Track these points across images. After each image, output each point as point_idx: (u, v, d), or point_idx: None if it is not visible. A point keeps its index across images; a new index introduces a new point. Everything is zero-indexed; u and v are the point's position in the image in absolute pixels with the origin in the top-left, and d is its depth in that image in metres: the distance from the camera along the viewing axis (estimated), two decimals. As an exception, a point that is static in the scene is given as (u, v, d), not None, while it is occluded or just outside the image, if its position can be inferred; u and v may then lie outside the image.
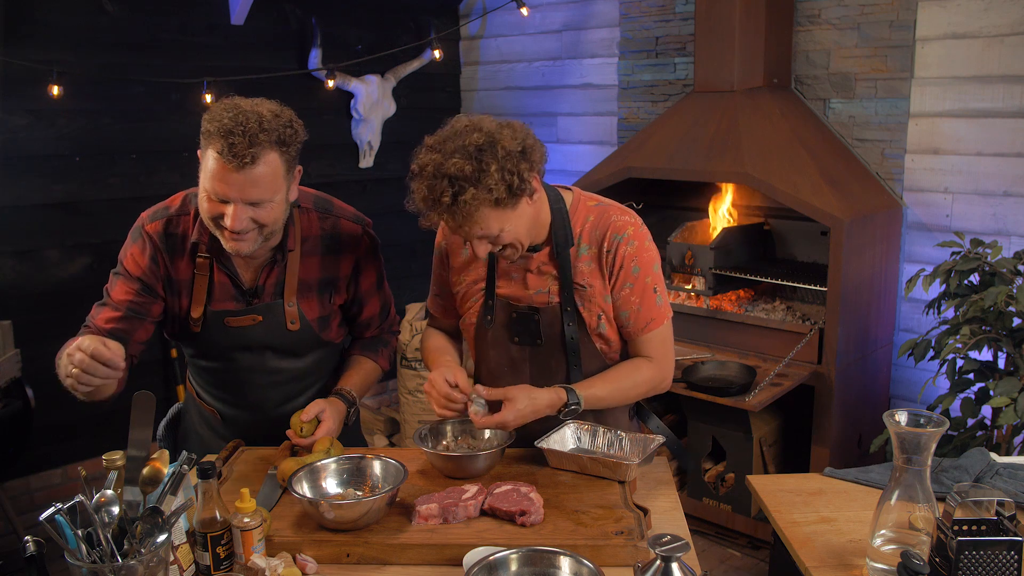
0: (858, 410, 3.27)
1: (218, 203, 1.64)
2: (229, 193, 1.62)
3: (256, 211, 1.65)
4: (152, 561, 1.27)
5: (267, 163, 1.62)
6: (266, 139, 1.60)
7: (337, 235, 1.89)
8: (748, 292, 3.65)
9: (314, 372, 1.99)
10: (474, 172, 1.54)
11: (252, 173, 1.60)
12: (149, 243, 1.81)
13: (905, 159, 3.32)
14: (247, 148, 1.57)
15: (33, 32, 3.28)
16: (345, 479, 1.64)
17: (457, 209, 1.56)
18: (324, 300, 1.90)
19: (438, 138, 1.61)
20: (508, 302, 1.82)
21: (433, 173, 1.56)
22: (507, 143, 1.58)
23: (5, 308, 3.23)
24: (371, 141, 4.34)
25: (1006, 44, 3.01)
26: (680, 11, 3.86)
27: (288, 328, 1.86)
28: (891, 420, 1.36)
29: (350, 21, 4.24)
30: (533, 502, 1.52)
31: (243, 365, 1.90)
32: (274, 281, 1.84)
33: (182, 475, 1.38)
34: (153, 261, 1.81)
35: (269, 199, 1.65)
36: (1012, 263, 2.61)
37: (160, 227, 1.81)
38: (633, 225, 1.79)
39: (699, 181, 3.51)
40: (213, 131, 1.60)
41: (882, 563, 1.36)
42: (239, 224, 1.64)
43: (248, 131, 1.58)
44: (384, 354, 2.06)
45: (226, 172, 1.60)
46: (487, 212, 1.59)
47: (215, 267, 1.81)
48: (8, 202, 3.30)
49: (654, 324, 1.79)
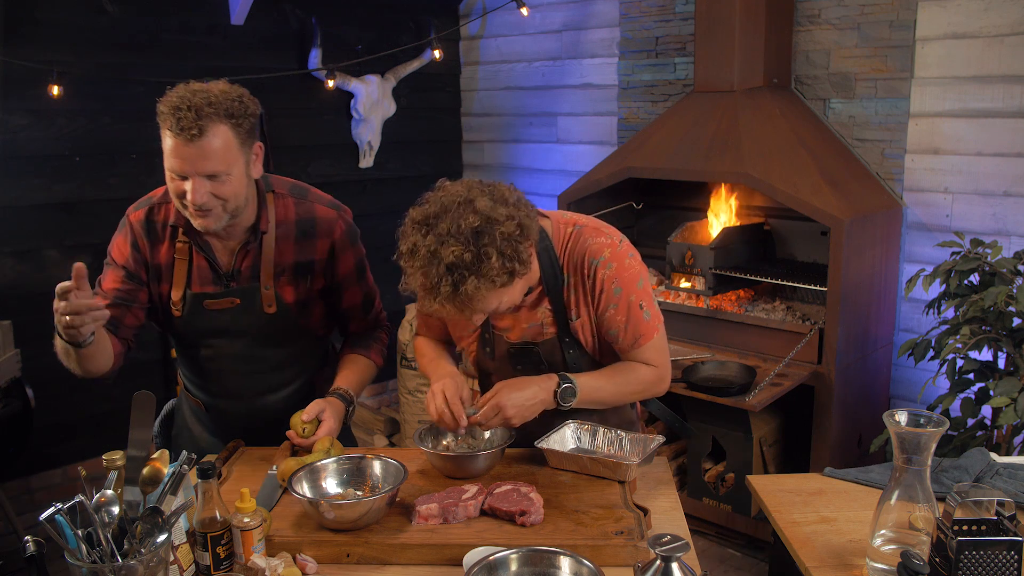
0: (858, 410, 3.27)
1: (179, 181, 1.70)
2: (184, 167, 1.68)
3: (215, 185, 1.70)
4: (152, 561, 1.27)
5: (216, 135, 1.68)
6: (213, 112, 1.66)
7: (312, 219, 1.91)
8: (748, 292, 3.65)
9: (295, 363, 2.00)
10: (474, 260, 1.48)
11: (203, 145, 1.66)
12: (131, 231, 1.88)
13: (905, 159, 3.32)
14: (195, 121, 1.64)
15: (33, 32, 3.28)
16: (345, 479, 1.64)
17: (458, 297, 1.51)
18: (301, 284, 1.91)
19: (426, 212, 1.54)
20: (504, 337, 1.82)
21: (428, 259, 1.49)
22: (504, 226, 1.51)
23: (5, 308, 3.23)
24: (371, 141, 4.34)
25: (1006, 44, 3.01)
26: (680, 11, 3.86)
27: (265, 311, 1.88)
28: (891, 420, 1.36)
29: (350, 21, 4.24)
30: (533, 502, 1.52)
31: (224, 352, 1.92)
32: (250, 264, 1.87)
33: (182, 475, 1.38)
34: (135, 248, 1.87)
35: (225, 171, 1.70)
36: (1012, 263, 2.61)
37: (142, 215, 1.88)
38: (609, 247, 1.73)
39: (699, 181, 3.51)
40: (164, 111, 1.67)
41: (882, 563, 1.36)
42: (199, 198, 1.69)
43: (194, 105, 1.65)
44: (376, 350, 2.06)
45: (179, 147, 1.66)
46: (485, 295, 1.53)
47: (194, 251, 1.86)
48: (8, 202, 3.31)
49: (643, 340, 1.78)
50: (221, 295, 1.87)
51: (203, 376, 1.99)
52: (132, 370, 3.67)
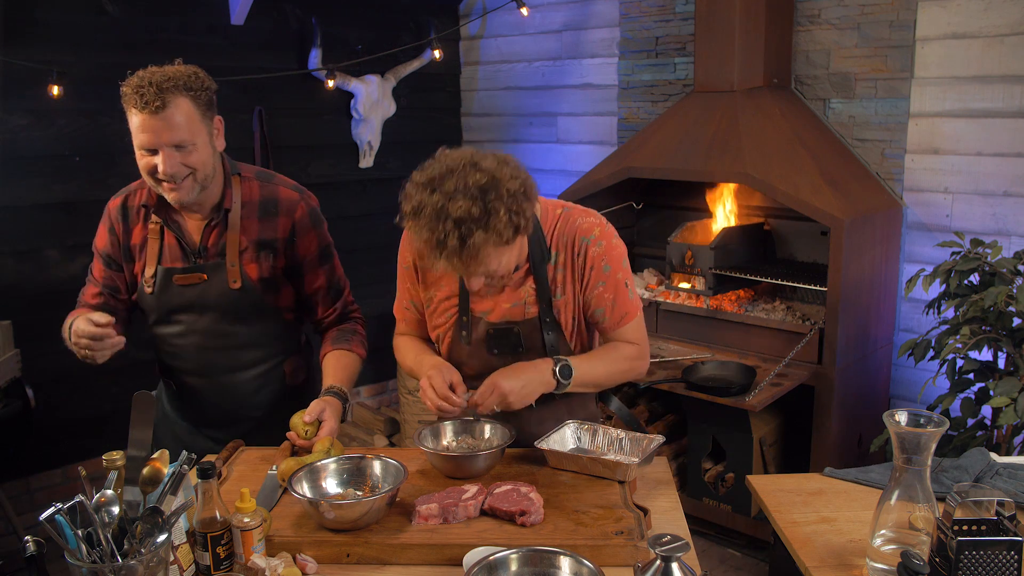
0: (858, 410, 3.27)
1: (149, 156, 1.81)
2: (152, 140, 1.79)
3: (183, 155, 1.81)
4: (152, 561, 1.27)
5: (178, 107, 1.80)
6: (172, 86, 1.79)
7: (274, 199, 2.00)
8: (748, 292, 3.65)
9: (263, 343, 2.05)
10: (482, 215, 1.51)
11: (167, 116, 1.78)
12: (108, 218, 2.02)
13: (905, 159, 3.32)
14: (157, 95, 1.77)
15: (33, 32, 3.28)
16: (345, 479, 1.64)
17: (465, 251, 1.53)
18: (264, 262, 1.98)
19: (430, 175, 1.57)
20: (484, 318, 1.82)
21: (435, 215, 1.52)
22: (509, 183, 1.56)
23: (5, 308, 3.23)
24: (371, 141, 4.34)
25: (1006, 44, 3.01)
26: (680, 11, 3.86)
27: (231, 287, 1.96)
28: (891, 420, 1.36)
29: (350, 21, 4.24)
30: (533, 502, 1.52)
31: (193, 327, 1.99)
32: (215, 241, 1.96)
33: (182, 475, 1.38)
34: (112, 233, 2.00)
35: (191, 141, 1.82)
36: (1012, 263, 2.61)
37: (119, 201, 2.01)
38: (599, 225, 1.81)
39: (699, 181, 3.51)
40: (128, 92, 1.81)
41: (882, 563, 1.36)
42: (170, 167, 1.80)
43: (155, 82, 1.78)
44: (356, 342, 2.09)
45: (145, 120, 1.79)
46: (491, 251, 1.57)
47: (165, 230, 1.96)
48: (8, 202, 3.30)
49: (628, 318, 1.83)
50: (189, 270, 1.96)
51: (174, 354, 2.05)
52: (132, 370, 3.68)
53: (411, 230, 1.58)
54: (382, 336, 5.00)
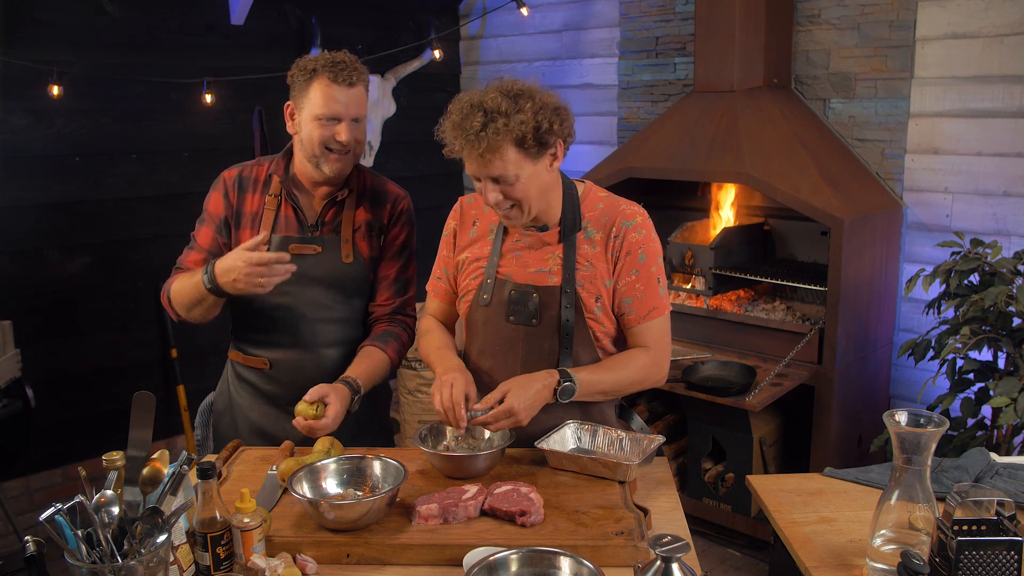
0: (858, 410, 3.27)
1: (330, 125, 1.94)
2: (341, 110, 1.93)
3: (356, 130, 1.97)
4: (152, 561, 1.27)
5: (362, 87, 1.98)
6: (359, 67, 1.97)
7: (384, 190, 2.13)
8: (748, 292, 3.65)
9: (354, 321, 2.11)
10: (508, 109, 1.64)
11: (357, 92, 1.96)
12: (223, 185, 2.08)
13: (905, 159, 3.32)
14: (352, 71, 1.94)
15: (33, 32, 3.28)
16: (345, 479, 1.64)
17: (484, 136, 1.63)
18: (374, 242, 2.09)
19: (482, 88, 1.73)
20: (508, 279, 1.84)
21: (469, 104, 1.67)
22: (546, 97, 1.69)
23: (5, 308, 3.23)
24: (371, 141, 4.33)
25: (1006, 44, 3.01)
26: (680, 11, 3.86)
27: (344, 261, 2.04)
28: (891, 420, 1.36)
29: (350, 21, 4.24)
30: (533, 502, 1.52)
31: (299, 299, 2.04)
32: (332, 218, 2.06)
33: (182, 475, 1.38)
34: (225, 199, 2.07)
35: (364, 116, 1.99)
36: (1012, 263, 2.61)
37: (235, 173, 2.09)
38: (641, 215, 1.84)
39: (699, 181, 3.51)
40: (318, 67, 1.93)
41: (882, 563, 1.36)
42: (351, 136, 1.95)
43: (347, 61, 1.95)
44: (393, 346, 2.08)
45: (338, 91, 1.93)
46: (509, 149, 1.65)
47: (283, 203, 2.05)
48: (8, 202, 3.30)
49: (656, 313, 1.81)
50: (306, 240, 2.04)
51: (271, 329, 2.06)
52: (132, 370, 3.69)
53: (445, 118, 1.71)
54: (382, 336, 4.96)
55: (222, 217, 2.08)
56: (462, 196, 2.01)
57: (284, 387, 2.06)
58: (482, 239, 1.90)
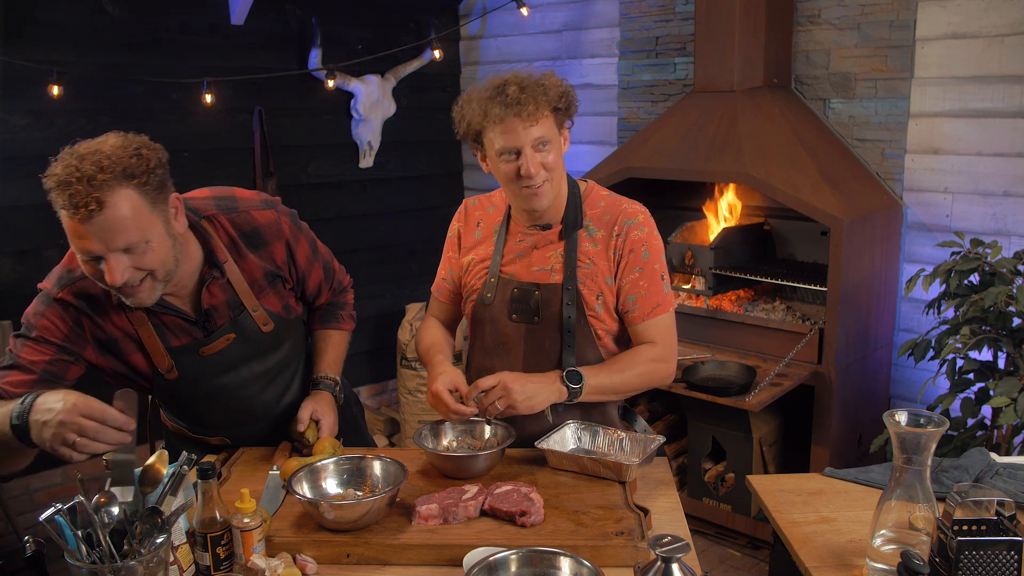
0: (858, 410, 3.27)
1: (94, 263, 1.51)
2: (93, 247, 1.47)
3: (135, 259, 1.51)
4: (152, 561, 1.27)
5: (118, 203, 1.46)
6: (108, 177, 1.44)
7: (254, 228, 1.78)
8: (748, 292, 3.65)
9: (293, 357, 1.96)
10: (537, 83, 1.74)
11: (105, 219, 1.44)
12: (70, 309, 1.66)
13: (905, 159, 3.32)
14: (89, 193, 1.42)
15: (33, 32, 3.28)
16: (345, 479, 1.64)
17: (528, 99, 1.70)
18: (278, 290, 1.85)
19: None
20: (511, 278, 1.85)
21: (494, 83, 1.74)
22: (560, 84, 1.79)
23: (5, 308, 3.23)
24: (371, 141, 4.34)
25: (1006, 44, 3.01)
26: (680, 11, 3.86)
27: (263, 332, 1.82)
28: (891, 420, 1.36)
29: (350, 21, 4.24)
30: (533, 502, 1.52)
31: (234, 385, 1.83)
32: (221, 299, 1.75)
33: (182, 475, 1.38)
34: (77, 325, 1.67)
35: (141, 240, 1.50)
36: (1012, 263, 2.61)
37: (72, 292, 1.66)
38: (643, 213, 1.86)
39: (699, 181, 3.51)
40: (52, 187, 1.45)
41: (882, 563, 1.36)
42: (120, 277, 1.49)
43: (84, 175, 1.42)
44: (344, 317, 2.05)
45: (78, 227, 1.45)
46: (548, 112, 1.73)
47: (153, 312, 1.70)
48: (8, 202, 3.30)
49: (660, 310, 1.82)
50: (214, 338, 1.75)
51: (213, 417, 1.89)
52: (132, 370, 3.67)
53: (466, 101, 1.77)
54: (382, 335, 5.00)
55: (69, 348, 1.66)
56: (466, 199, 2.02)
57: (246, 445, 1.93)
58: (486, 240, 1.91)
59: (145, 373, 1.76)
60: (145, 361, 1.74)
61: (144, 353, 1.72)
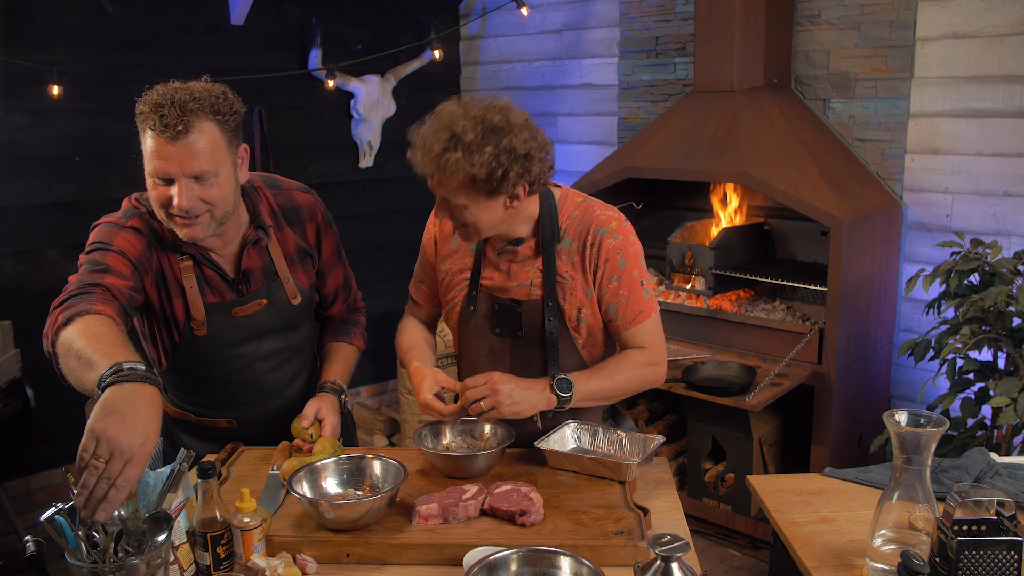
0: (858, 410, 3.27)
1: (164, 186, 1.61)
2: (170, 168, 1.59)
3: (203, 189, 1.62)
4: (152, 561, 1.27)
5: (202, 132, 1.59)
6: (197, 107, 1.58)
7: (294, 206, 1.90)
8: (748, 292, 3.65)
9: (307, 344, 2.01)
10: (472, 144, 1.58)
11: (189, 143, 1.58)
12: (140, 235, 1.71)
13: (905, 159, 3.32)
14: (180, 117, 1.56)
15: (33, 32, 3.28)
16: (345, 479, 1.64)
17: (440, 162, 1.60)
18: (308, 268, 1.93)
19: (472, 98, 1.67)
20: (491, 293, 1.84)
21: (444, 122, 1.61)
22: (518, 143, 1.60)
23: (5, 308, 3.23)
24: (371, 141, 4.34)
25: (1006, 44, 3.01)
26: (680, 11, 3.86)
27: (291, 304, 1.88)
28: (891, 420, 1.36)
29: (350, 21, 4.24)
30: (533, 502, 1.52)
31: (256, 355, 1.87)
32: (259, 264, 1.83)
33: (181, 473, 1.38)
34: (148, 250, 1.72)
35: (212, 172, 1.61)
36: (1012, 263, 2.61)
37: (141, 221, 1.73)
38: (616, 220, 1.81)
39: (699, 181, 3.51)
40: (145, 110, 1.59)
41: (882, 563, 1.36)
42: (187, 202, 1.60)
43: (177, 101, 1.57)
44: (356, 334, 2.07)
45: (163, 146, 1.58)
46: (461, 179, 1.60)
47: (197, 263, 1.78)
48: (8, 202, 3.31)
49: (643, 316, 1.80)
50: (247, 300, 1.81)
51: (228, 389, 1.89)
52: (132, 370, 3.67)
53: (429, 119, 1.66)
54: (382, 336, 5.00)
55: (139, 269, 1.69)
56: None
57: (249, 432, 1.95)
58: (463, 249, 1.87)
59: (179, 324, 1.79)
60: (183, 309, 1.79)
61: (184, 300, 1.78)
